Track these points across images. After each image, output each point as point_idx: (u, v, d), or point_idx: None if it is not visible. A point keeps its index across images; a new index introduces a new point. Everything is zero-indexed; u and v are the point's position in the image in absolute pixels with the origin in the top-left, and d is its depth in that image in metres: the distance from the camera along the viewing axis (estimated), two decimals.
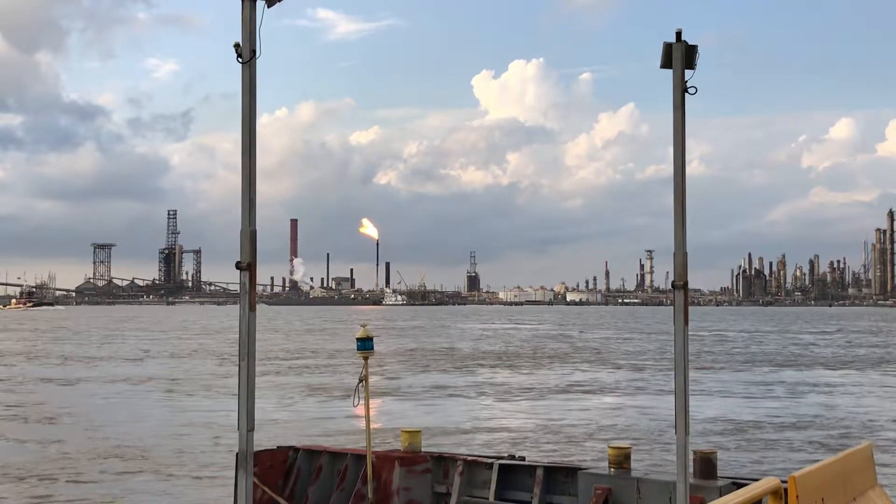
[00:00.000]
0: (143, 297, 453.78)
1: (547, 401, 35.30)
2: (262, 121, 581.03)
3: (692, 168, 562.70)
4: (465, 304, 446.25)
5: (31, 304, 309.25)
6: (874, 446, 8.15)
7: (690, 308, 8.01)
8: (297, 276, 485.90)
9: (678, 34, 7.71)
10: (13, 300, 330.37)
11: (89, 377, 45.11)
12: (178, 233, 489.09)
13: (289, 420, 29.37)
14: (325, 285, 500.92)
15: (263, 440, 18.85)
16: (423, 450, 12.52)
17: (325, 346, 75.97)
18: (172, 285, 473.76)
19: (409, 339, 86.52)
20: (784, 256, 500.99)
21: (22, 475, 20.37)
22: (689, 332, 7.73)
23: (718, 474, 10.63)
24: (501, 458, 12.24)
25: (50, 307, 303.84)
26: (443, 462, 12.35)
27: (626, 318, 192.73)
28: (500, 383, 42.34)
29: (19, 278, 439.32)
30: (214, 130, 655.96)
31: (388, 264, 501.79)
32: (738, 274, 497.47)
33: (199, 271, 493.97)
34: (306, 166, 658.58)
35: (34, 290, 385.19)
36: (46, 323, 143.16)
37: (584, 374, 47.24)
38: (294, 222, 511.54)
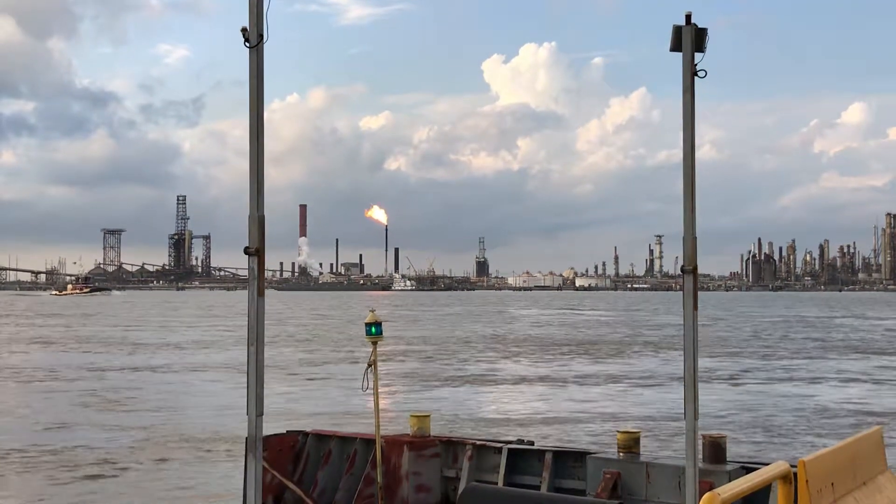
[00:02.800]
0: (152, 282, 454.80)
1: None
2: (273, 106, 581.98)
3: (703, 153, 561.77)
4: (473, 289, 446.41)
5: (87, 289, 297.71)
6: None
7: (700, 293, 7.98)
8: (301, 256, 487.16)
9: (688, 17, 7.65)
10: (69, 285, 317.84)
11: (176, 364, 44.93)
12: (188, 218, 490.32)
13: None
14: (334, 271, 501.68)
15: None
16: (431, 434, 12.55)
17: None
18: (182, 271, 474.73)
19: (490, 327, 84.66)
20: (794, 241, 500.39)
21: (112, 460, 20.61)
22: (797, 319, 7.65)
23: (728, 458, 10.63)
24: (510, 442, 12.26)
25: (107, 292, 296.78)
26: (452, 446, 12.37)
27: (667, 302, 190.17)
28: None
29: (75, 263, 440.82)
30: (226, 116, 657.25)
31: (396, 250, 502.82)
32: (748, 259, 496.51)
33: (209, 257, 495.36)
34: (316, 152, 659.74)
35: (90, 275, 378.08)
36: (112, 308, 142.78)
37: (711, 362, 45.96)
38: (303, 208, 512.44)
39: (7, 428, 25.29)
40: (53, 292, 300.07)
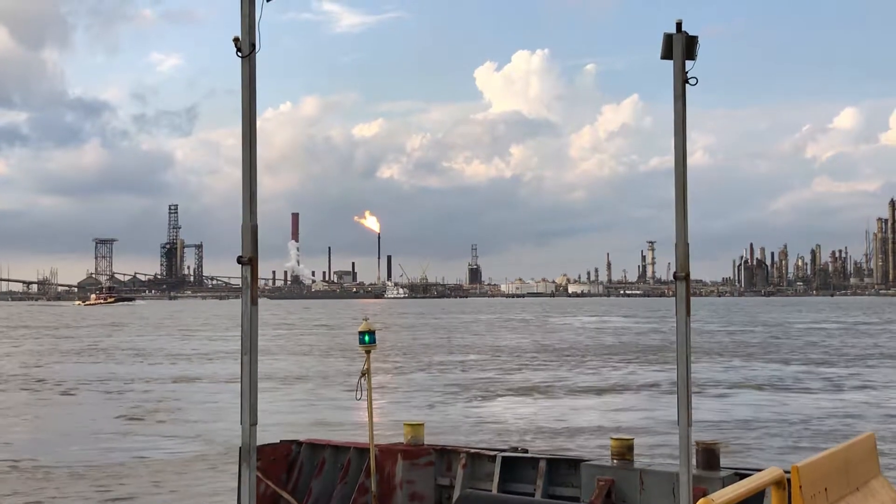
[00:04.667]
0: (144, 291, 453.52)
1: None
2: (266, 115, 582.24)
3: (695, 159, 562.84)
4: (466, 296, 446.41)
5: (112, 298, 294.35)
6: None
7: (692, 299, 7.99)
8: (291, 262, 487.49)
9: (678, 25, 7.68)
10: (93, 295, 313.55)
11: (218, 375, 44.63)
12: (180, 227, 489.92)
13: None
14: (326, 279, 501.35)
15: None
16: (425, 443, 12.53)
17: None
18: (174, 280, 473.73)
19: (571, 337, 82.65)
20: (786, 246, 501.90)
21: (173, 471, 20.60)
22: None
23: (721, 465, 10.64)
24: (504, 450, 12.25)
25: (131, 302, 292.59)
26: (445, 455, 12.36)
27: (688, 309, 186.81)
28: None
29: (90, 272, 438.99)
30: (219, 126, 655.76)
31: (389, 257, 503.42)
32: (740, 264, 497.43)
33: (201, 266, 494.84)
34: (310, 160, 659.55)
35: (114, 285, 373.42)
36: (140, 317, 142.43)
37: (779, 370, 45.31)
38: (295, 216, 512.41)
39: (57, 441, 25.18)
40: (77, 302, 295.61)
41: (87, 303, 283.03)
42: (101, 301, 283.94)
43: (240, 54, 6.61)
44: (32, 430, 27.66)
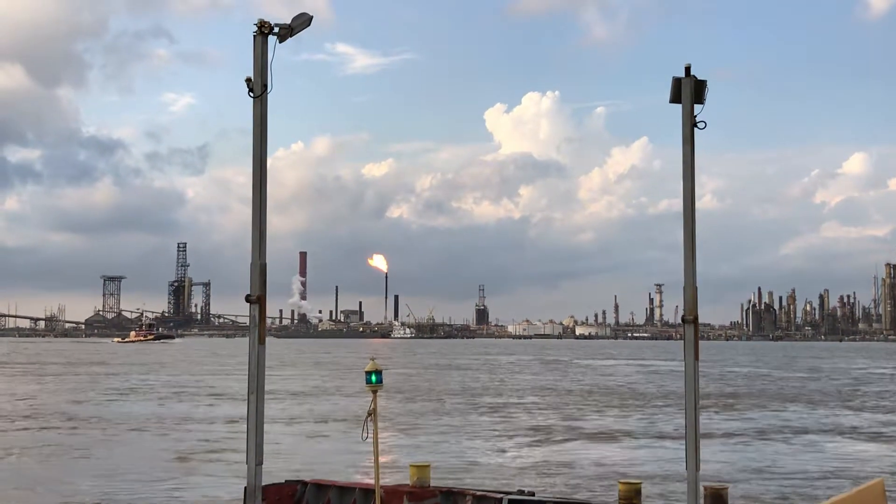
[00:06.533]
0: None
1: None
2: (278, 154, 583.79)
3: (704, 202, 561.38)
4: (473, 337, 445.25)
5: (152, 335, 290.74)
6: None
7: (700, 343, 7.97)
8: (294, 298, 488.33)
9: (687, 69, 7.73)
10: (133, 332, 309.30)
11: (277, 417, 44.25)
12: (188, 265, 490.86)
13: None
14: (333, 318, 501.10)
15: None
16: (431, 484, 12.45)
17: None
18: (181, 318, 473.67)
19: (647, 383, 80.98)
20: (794, 291, 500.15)
21: None
22: None
23: None
24: (510, 492, 12.15)
25: (171, 341, 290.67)
26: (451, 496, 12.27)
27: (711, 352, 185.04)
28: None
29: (98, 309, 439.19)
30: (230, 164, 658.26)
31: (396, 297, 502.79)
32: (748, 308, 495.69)
33: (208, 304, 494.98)
34: (320, 199, 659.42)
35: (153, 322, 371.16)
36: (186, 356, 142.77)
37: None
38: (303, 255, 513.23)
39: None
40: (116, 339, 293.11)
41: (127, 340, 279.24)
42: (141, 338, 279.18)
43: (252, 94, 6.67)
44: (88, 468, 27.45)
